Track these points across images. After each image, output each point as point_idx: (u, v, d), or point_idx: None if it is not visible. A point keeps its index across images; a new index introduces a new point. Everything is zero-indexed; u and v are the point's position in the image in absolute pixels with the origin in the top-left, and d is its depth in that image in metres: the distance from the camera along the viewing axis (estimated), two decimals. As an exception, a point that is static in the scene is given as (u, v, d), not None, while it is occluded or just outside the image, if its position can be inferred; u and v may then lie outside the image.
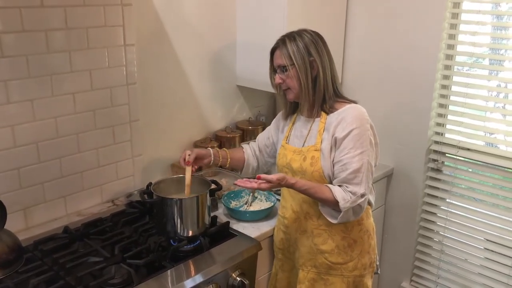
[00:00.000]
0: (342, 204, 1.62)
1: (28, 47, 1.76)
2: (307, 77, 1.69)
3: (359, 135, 1.65)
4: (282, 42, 1.72)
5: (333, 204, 1.65)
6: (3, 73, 1.71)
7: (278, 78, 1.74)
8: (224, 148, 2.02)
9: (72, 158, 1.97)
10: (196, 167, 1.89)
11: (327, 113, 1.73)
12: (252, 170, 2.01)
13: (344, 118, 1.67)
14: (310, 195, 1.68)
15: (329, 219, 1.70)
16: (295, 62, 1.68)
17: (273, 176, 1.62)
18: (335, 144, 1.68)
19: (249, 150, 2.03)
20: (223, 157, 1.95)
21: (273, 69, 1.78)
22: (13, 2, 1.68)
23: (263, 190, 1.65)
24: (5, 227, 1.60)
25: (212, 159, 1.92)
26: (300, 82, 1.70)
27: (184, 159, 1.83)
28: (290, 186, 1.66)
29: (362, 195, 1.64)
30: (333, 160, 1.69)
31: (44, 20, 1.78)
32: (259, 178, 1.62)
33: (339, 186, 1.66)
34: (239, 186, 1.64)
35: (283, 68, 1.72)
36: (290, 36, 1.72)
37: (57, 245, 1.76)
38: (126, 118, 2.11)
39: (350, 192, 1.63)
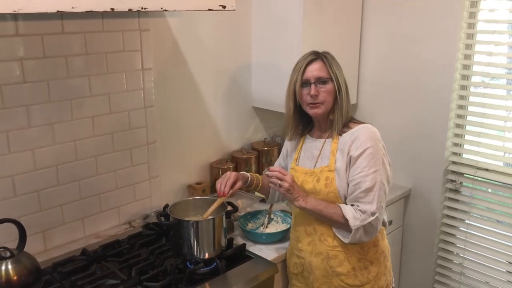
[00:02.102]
0: (352, 222, 1.62)
1: (49, 73, 1.80)
2: (343, 97, 1.72)
3: (373, 154, 1.65)
4: (324, 55, 1.73)
5: (344, 223, 1.65)
6: (25, 98, 1.76)
7: (314, 89, 1.70)
8: (257, 174, 1.99)
9: (90, 180, 2.00)
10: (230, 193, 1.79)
11: (340, 134, 1.74)
12: (278, 197, 2.00)
13: (358, 137, 1.68)
14: (320, 215, 1.69)
15: (342, 238, 1.70)
16: (338, 77, 1.71)
17: (286, 183, 1.67)
18: (350, 163, 1.68)
19: None
20: (256, 183, 1.92)
21: (303, 83, 1.73)
22: (36, 30, 1.74)
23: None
24: (24, 249, 1.63)
25: (248, 182, 1.89)
26: (336, 97, 1.72)
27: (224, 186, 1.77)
28: (300, 205, 1.68)
29: (373, 213, 1.62)
30: (347, 180, 1.69)
31: (65, 46, 1.83)
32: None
33: (351, 205, 1.66)
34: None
35: (322, 81, 1.71)
36: (326, 54, 1.74)
37: (75, 267, 1.77)
38: (143, 140, 2.14)
39: (360, 210, 1.63)
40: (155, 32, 2.10)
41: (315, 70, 1.71)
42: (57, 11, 1.33)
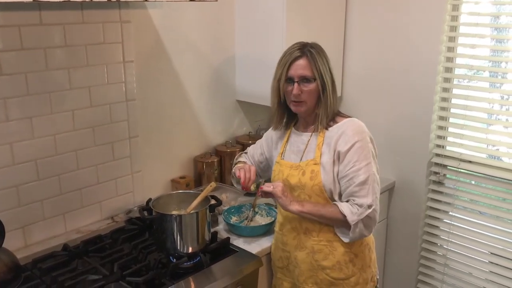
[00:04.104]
0: (350, 217, 1.61)
1: (27, 65, 1.76)
2: (328, 94, 1.69)
3: (362, 148, 1.65)
4: (310, 53, 1.68)
5: (342, 221, 1.64)
6: (2, 91, 1.72)
7: (297, 89, 1.68)
8: (244, 164, 1.92)
9: (71, 175, 1.97)
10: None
11: (326, 128, 1.73)
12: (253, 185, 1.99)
13: (345, 132, 1.67)
14: (317, 217, 1.68)
15: (343, 238, 1.69)
16: (323, 75, 1.67)
17: (277, 191, 1.68)
18: (339, 158, 1.67)
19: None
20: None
21: (287, 79, 1.70)
22: (12, 21, 1.70)
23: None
24: (3, 245, 1.60)
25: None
26: (319, 97, 1.70)
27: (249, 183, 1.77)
28: (297, 209, 1.68)
29: (369, 206, 1.62)
30: (337, 175, 1.68)
31: (43, 38, 1.79)
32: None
33: (347, 201, 1.66)
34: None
35: (306, 79, 1.68)
36: (312, 48, 1.69)
37: (56, 263, 1.74)
38: (125, 134, 2.11)
39: (357, 204, 1.62)
40: (136, 24, 2.06)
41: (299, 68, 1.68)
42: (34, 0, 1.30)
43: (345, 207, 1.63)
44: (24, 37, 1.73)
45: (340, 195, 1.69)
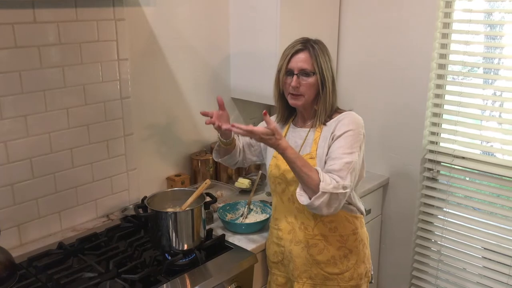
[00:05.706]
0: (322, 185, 1.55)
1: (21, 63, 1.76)
2: (328, 91, 1.70)
3: (353, 137, 1.66)
4: (312, 47, 1.69)
5: (315, 184, 1.56)
6: (-4, 89, 1.72)
7: (295, 81, 1.69)
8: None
9: (66, 173, 1.97)
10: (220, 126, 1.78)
11: (324, 124, 1.74)
12: (234, 163, 1.99)
13: (342, 121, 1.70)
14: (297, 167, 1.57)
15: (299, 198, 1.60)
16: (323, 70, 1.68)
17: (261, 129, 1.55)
18: (332, 141, 1.68)
19: (240, 144, 1.97)
20: (233, 140, 1.92)
21: (287, 72, 1.72)
22: (6, 19, 1.69)
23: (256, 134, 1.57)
24: (-2, 244, 1.60)
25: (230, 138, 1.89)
26: (318, 93, 1.70)
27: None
28: (281, 149, 1.57)
29: (344, 187, 1.57)
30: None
31: (37, 36, 1.78)
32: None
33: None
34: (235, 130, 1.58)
35: (305, 73, 1.69)
36: (315, 44, 1.71)
37: (52, 261, 1.74)
38: (120, 132, 2.11)
39: (335, 180, 1.57)
40: (130, 21, 2.06)
41: (299, 61, 1.69)
42: (27, -2, 1.30)
43: (325, 175, 1.57)
44: (18, 35, 1.73)
45: None
